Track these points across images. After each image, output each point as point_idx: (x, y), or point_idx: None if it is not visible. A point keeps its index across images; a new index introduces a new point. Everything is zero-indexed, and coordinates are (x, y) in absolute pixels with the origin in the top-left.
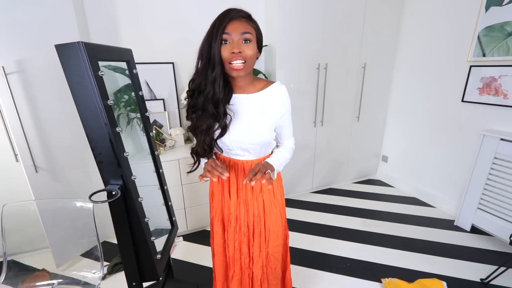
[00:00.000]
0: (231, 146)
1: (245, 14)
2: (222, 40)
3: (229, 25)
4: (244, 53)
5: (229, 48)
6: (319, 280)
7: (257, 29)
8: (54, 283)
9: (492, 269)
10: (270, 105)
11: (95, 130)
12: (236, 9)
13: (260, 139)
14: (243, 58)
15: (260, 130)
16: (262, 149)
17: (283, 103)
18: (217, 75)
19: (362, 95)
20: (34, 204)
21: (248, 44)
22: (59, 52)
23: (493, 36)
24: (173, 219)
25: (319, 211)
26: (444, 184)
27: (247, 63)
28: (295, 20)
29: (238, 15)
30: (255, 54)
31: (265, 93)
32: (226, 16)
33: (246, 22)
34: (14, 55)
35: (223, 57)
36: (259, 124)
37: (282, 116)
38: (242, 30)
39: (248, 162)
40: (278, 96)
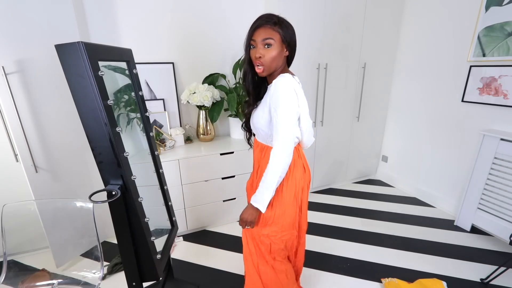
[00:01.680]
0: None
1: (272, 21)
2: (250, 45)
3: (255, 32)
4: (264, 58)
5: (254, 52)
6: (319, 280)
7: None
8: (54, 283)
9: (492, 269)
10: (267, 95)
11: (95, 130)
12: (265, 16)
13: (254, 122)
14: (262, 62)
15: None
16: (261, 134)
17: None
18: (247, 70)
19: (362, 95)
20: (34, 204)
21: (269, 48)
22: (59, 52)
23: (493, 36)
24: (173, 219)
25: (319, 211)
26: (444, 184)
27: (266, 65)
28: (295, 20)
29: (264, 23)
30: (275, 56)
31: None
32: (254, 24)
33: (270, 28)
34: (14, 55)
35: (252, 58)
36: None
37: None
38: (264, 37)
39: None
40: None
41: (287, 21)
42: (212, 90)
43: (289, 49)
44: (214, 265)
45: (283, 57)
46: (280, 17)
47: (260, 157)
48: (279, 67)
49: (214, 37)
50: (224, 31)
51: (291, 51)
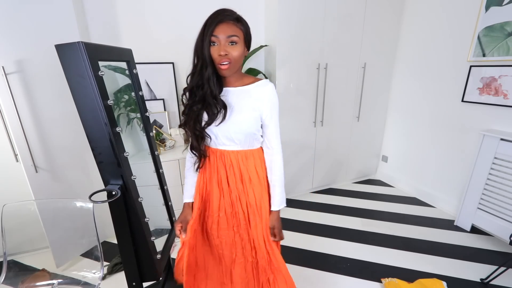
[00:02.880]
0: (217, 136)
1: (234, 16)
2: (211, 42)
3: (217, 28)
4: (230, 54)
5: (217, 50)
6: (319, 280)
7: (245, 30)
8: (54, 283)
9: (492, 269)
10: (255, 99)
11: (95, 130)
12: (225, 11)
13: (244, 128)
14: (229, 60)
15: (244, 120)
16: (247, 140)
17: (269, 98)
18: (210, 74)
19: (362, 95)
20: (34, 204)
21: (234, 46)
22: (59, 52)
23: (493, 36)
24: (173, 219)
25: (319, 211)
26: (444, 184)
27: (232, 63)
28: (296, 20)
29: (226, 18)
30: (241, 55)
31: (251, 87)
32: (215, 19)
33: (233, 24)
34: (14, 55)
35: (212, 57)
36: (243, 114)
37: (268, 113)
38: (229, 33)
39: (234, 153)
40: (265, 91)
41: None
42: None
43: (248, 49)
44: None
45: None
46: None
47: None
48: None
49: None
50: None
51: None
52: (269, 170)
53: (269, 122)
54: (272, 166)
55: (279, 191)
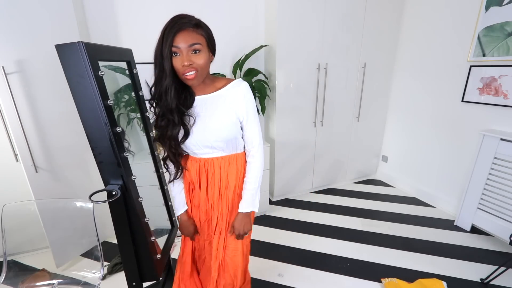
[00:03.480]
0: (197, 146)
1: (193, 23)
2: (172, 52)
3: (177, 37)
4: (195, 64)
5: (179, 60)
6: (319, 280)
7: (207, 35)
8: (54, 283)
9: (492, 269)
10: (230, 102)
11: (95, 130)
12: (183, 18)
13: (224, 135)
14: (195, 69)
15: (223, 127)
16: (229, 145)
17: (243, 99)
18: (168, 85)
19: (362, 95)
20: (34, 204)
21: (197, 54)
22: (59, 52)
23: (493, 36)
24: (173, 219)
25: (319, 211)
26: (444, 184)
27: (199, 71)
28: (295, 20)
29: (185, 26)
30: (206, 62)
31: (224, 91)
32: (173, 28)
33: (194, 31)
34: (14, 55)
35: (175, 68)
36: (221, 121)
37: (244, 113)
38: (191, 42)
39: (218, 159)
40: (238, 92)
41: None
42: None
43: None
44: None
45: (209, 62)
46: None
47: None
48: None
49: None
50: (224, 31)
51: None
52: (246, 171)
53: (246, 123)
54: (249, 167)
55: (248, 193)
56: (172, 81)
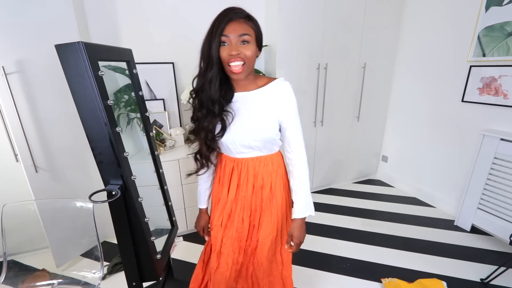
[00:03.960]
0: (234, 145)
1: (244, 14)
2: (221, 42)
3: (228, 26)
4: (242, 54)
5: (227, 49)
6: (319, 280)
7: (256, 29)
8: (54, 283)
9: (492, 269)
10: (271, 101)
11: (95, 130)
12: (235, 9)
13: (263, 136)
14: (242, 59)
15: (262, 127)
16: (267, 145)
17: (285, 99)
18: (213, 75)
19: (362, 95)
20: (34, 204)
21: (246, 45)
22: (59, 52)
23: (493, 36)
24: (173, 219)
25: (319, 211)
26: (444, 184)
27: (246, 64)
28: (295, 20)
29: (236, 16)
30: (254, 54)
31: (266, 89)
32: (225, 17)
33: (244, 22)
34: (14, 55)
35: (222, 58)
36: (261, 120)
37: (285, 114)
38: (240, 32)
39: (253, 160)
40: (280, 91)
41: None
42: None
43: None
44: None
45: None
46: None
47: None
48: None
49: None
50: None
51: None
52: (291, 175)
53: (287, 124)
54: (294, 171)
55: (300, 197)
56: (218, 72)
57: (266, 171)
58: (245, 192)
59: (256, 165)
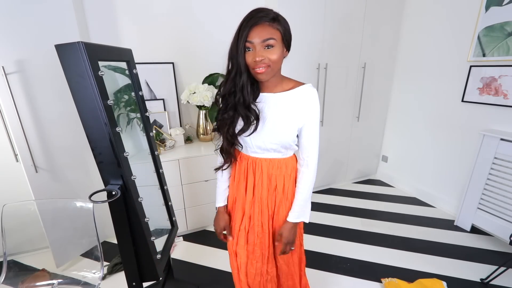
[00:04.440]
0: (250, 144)
1: (270, 17)
2: (246, 47)
3: (252, 32)
4: (266, 59)
5: (252, 55)
6: (319, 280)
7: (284, 30)
8: (54, 283)
9: (492, 269)
10: (295, 106)
11: (95, 130)
12: (260, 12)
13: (280, 140)
14: (266, 64)
15: (281, 131)
16: (282, 149)
17: (311, 107)
18: (244, 82)
19: (362, 95)
20: (34, 204)
21: (270, 49)
22: (59, 52)
23: (493, 36)
24: (173, 219)
25: (319, 211)
26: (444, 184)
27: (271, 67)
28: (295, 20)
29: (261, 20)
30: (279, 58)
31: (292, 93)
32: (249, 22)
33: (269, 26)
34: (14, 55)
35: (247, 63)
36: (281, 124)
37: (307, 122)
38: (264, 37)
39: (266, 161)
40: (306, 98)
41: (282, 16)
42: (212, 90)
43: (288, 49)
44: (214, 265)
45: (282, 58)
46: (275, 11)
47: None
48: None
49: (214, 36)
50: (224, 31)
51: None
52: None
53: (306, 132)
54: (300, 177)
55: (298, 203)
56: (248, 78)
57: (280, 174)
58: (261, 193)
59: (269, 166)
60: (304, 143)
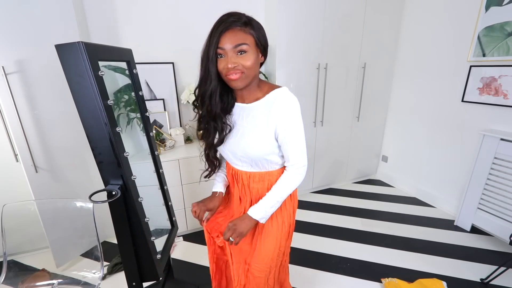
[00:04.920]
0: (229, 156)
1: (241, 21)
2: (217, 54)
3: (223, 38)
4: (239, 65)
5: (224, 62)
6: (319, 280)
7: (257, 35)
8: (54, 283)
9: (492, 269)
10: (265, 116)
11: (95, 130)
12: (230, 16)
13: (252, 154)
14: (239, 71)
15: (252, 145)
16: (258, 164)
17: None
18: (213, 90)
19: (362, 95)
20: (34, 204)
21: (244, 55)
22: (59, 52)
23: (493, 36)
24: (173, 219)
25: (319, 211)
26: (444, 184)
27: (245, 74)
28: (295, 20)
29: (233, 25)
30: (253, 64)
31: (263, 102)
32: (219, 27)
33: (241, 30)
34: (14, 55)
35: (219, 70)
36: (252, 138)
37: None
38: (236, 43)
39: (246, 174)
40: (277, 104)
41: (256, 20)
42: None
43: (264, 54)
44: None
45: (259, 64)
46: (248, 15)
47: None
48: (255, 77)
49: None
50: None
51: (265, 56)
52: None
53: (285, 140)
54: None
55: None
56: (217, 85)
57: (262, 187)
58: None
59: (250, 180)
60: (286, 152)
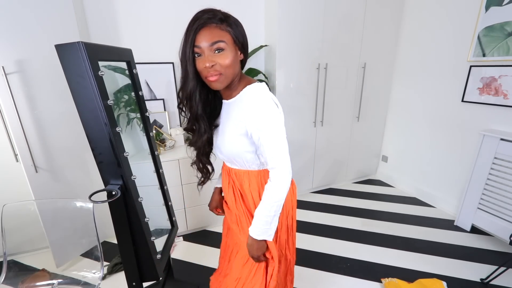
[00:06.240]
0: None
1: (217, 17)
2: (195, 53)
3: (198, 36)
4: (217, 65)
5: (202, 61)
6: (319, 280)
7: (234, 32)
8: (54, 283)
9: (492, 269)
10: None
11: (95, 130)
12: (205, 13)
13: (226, 151)
14: (218, 71)
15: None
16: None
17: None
18: (192, 90)
19: (362, 95)
20: (34, 204)
21: (221, 53)
22: (59, 52)
23: (493, 36)
24: (173, 219)
25: (319, 211)
26: (444, 184)
27: (224, 74)
28: (295, 20)
29: (208, 22)
30: (232, 62)
31: (238, 99)
32: (194, 24)
33: (217, 27)
34: (14, 55)
35: (199, 70)
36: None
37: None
38: (212, 40)
39: (232, 170)
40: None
41: (234, 16)
42: None
43: (243, 52)
44: (214, 265)
45: (238, 62)
46: (224, 12)
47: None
48: (236, 76)
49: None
50: None
51: (245, 54)
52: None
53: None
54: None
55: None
56: (196, 85)
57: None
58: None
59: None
60: (263, 152)
